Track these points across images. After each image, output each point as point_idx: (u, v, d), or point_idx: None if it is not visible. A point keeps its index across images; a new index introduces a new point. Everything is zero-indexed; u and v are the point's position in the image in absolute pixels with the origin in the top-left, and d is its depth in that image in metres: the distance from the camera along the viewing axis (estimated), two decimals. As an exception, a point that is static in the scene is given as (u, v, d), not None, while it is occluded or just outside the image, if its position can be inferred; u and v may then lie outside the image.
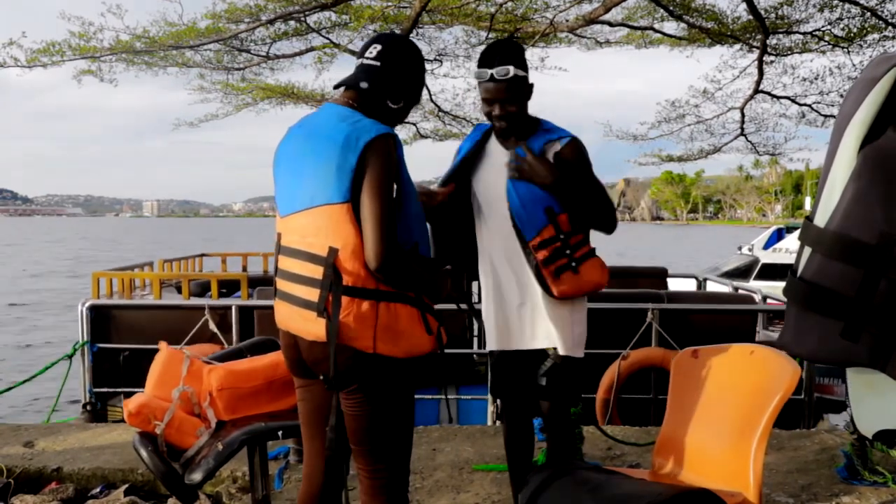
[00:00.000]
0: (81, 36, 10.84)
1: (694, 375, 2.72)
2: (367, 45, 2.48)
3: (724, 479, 2.40)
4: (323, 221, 2.26)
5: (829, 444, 4.63)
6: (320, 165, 2.27)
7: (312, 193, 2.28)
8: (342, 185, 2.22)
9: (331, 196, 2.24)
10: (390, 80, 2.41)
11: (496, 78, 2.91)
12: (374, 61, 2.41)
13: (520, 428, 3.23)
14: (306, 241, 2.30)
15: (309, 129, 2.42)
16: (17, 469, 4.28)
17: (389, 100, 2.43)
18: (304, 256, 2.30)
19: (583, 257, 2.99)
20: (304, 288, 2.29)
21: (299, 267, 2.31)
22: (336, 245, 2.22)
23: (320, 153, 2.28)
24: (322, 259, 2.24)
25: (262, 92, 14.34)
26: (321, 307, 2.23)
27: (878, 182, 1.77)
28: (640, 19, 12.20)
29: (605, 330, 6.21)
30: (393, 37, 2.52)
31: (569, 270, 2.95)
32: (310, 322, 2.27)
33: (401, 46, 2.47)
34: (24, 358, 15.37)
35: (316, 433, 2.53)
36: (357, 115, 2.33)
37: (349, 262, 2.22)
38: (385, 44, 2.44)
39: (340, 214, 2.23)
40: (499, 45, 3.02)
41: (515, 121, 2.99)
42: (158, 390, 3.26)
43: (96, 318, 6.80)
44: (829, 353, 1.92)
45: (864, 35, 11.42)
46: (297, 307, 2.32)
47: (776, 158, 17.40)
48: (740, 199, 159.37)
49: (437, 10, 11.20)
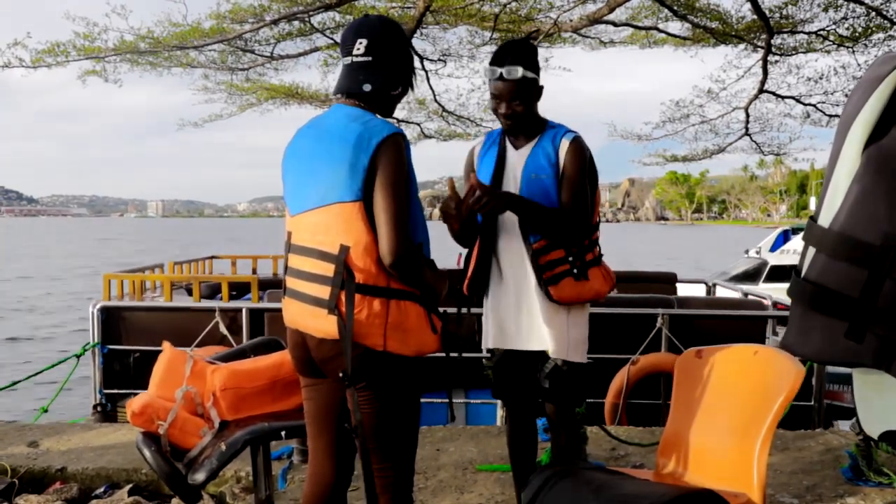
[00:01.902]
0: (86, 36, 10.85)
1: (698, 376, 2.72)
2: (351, 40, 2.42)
3: (727, 480, 2.39)
4: (335, 219, 2.27)
5: (833, 445, 4.62)
6: (332, 164, 2.28)
7: (324, 192, 2.29)
8: (355, 183, 2.23)
9: (343, 194, 2.25)
10: (386, 71, 2.40)
11: (505, 77, 2.91)
12: (365, 57, 2.39)
13: (523, 428, 3.22)
14: (317, 238, 2.30)
15: (319, 129, 2.42)
16: (22, 469, 4.28)
17: (390, 90, 2.43)
18: (315, 254, 2.30)
19: (586, 264, 3.00)
20: (315, 286, 2.29)
21: (310, 265, 2.32)
22: (348, 243, 2.24)
23: (332, 152, 2.29)
24: (334, 257, 2.25)
25: (267, 92, 14.34)
26: (332, 304, 2.24)
27: (882, 182, 1.76)
28: (645, 19, 12.18)
29: (615, 335, 6.24)
30: (373, 26, 2.44)
31: (570, 276, 2.95)
32: (320, 319, 2.27)
33: (384, 34, 2.42)
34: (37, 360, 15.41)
35: (322, 432, 2.53)
36: (367, 115, 2.35)
37: (361, 259, 2.23)
38: (369, 36, 2.39)
39: (352, 213, 2.24)
40: (512, 45, 3.02)
41: (522, 120, 2.99)
42: (162, 390, 3.26)
43: (107, 319, 6.83)
44: (834, 354, 1.92)
45: (869, 35, 11.39)
46: (308, 304, 2.32)
47: (781, 158, 17.39)
48: (745, 199, 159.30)
49: (441, 11, 11.20)
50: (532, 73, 2.94)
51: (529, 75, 2.93)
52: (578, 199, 2.96)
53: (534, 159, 2.99)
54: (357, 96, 2.41)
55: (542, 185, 2.95)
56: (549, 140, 3.00)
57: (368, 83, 2.38)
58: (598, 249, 3.12)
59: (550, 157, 2.96)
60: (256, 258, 12.04)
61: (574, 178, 2.95)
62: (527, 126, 3.03)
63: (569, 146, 2.96)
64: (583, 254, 3.00)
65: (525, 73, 2.91)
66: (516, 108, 2.95)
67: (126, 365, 6.81)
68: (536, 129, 3.04)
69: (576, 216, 2.95)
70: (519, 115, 2.97)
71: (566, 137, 2.98)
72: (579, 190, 2.96)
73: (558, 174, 2.95)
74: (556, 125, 3.06)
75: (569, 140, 2.97)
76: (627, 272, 10.00)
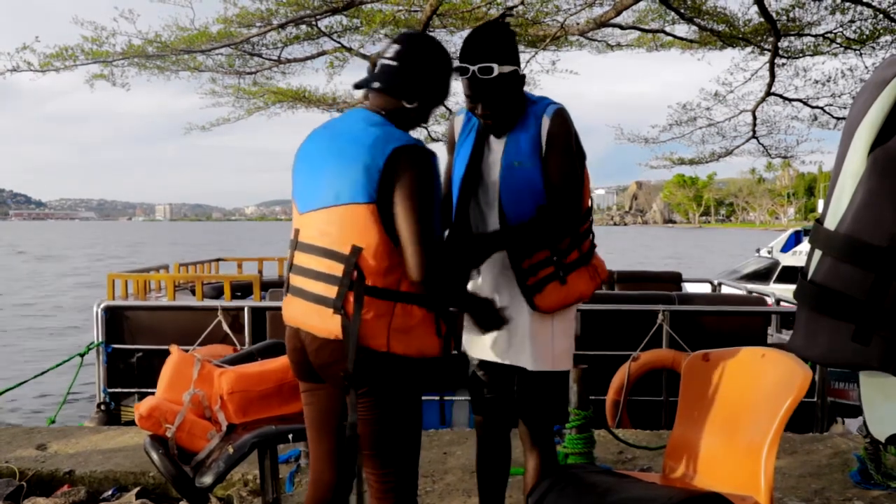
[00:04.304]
0: (94, 41, 10.92)
1: (704, 379, 2.71)
2: (387, 45, 2.47)
3: (735, 483, 2.38)
4: (346, 220, 2.26)
5: (842, 448, 4.60)
6: (347, 165, 2.27)
7: (337, 192, 2.28)
8: (369, 185, 2.22)
9: (355, 195, 2.24)
10: (406, 79, 2.38)
11: (478, 77, 2.58)
12: (392, 61, 2.40)
13: (495, 442, 2.96)
14: (327, 237, 2.29)
15: (336, 130, 2.42)
16: (30, 471, 4.31)
17: (404, 100, 2.39)
18: (323, 253, 2.29)
19: (572, 264, 2.75)
20: (321, 284, 2.28)
21: (317, 263, 2.31)
22: (359, 244, 2.23)
23: (347, 153, 2.29)
24: (344, 256, 2.24)
25: (274, 96, 14.37)
26: (339, 304, 2.23)
27: (888, 184, 1.76)
28: (651, 22, 12.18)
29: (616, 331, 6.24)
30: (414, 36, 2.50)
31: (555, 281, 2.70)
32: (325, 318, 2.26)
33: (421, 46, 2.44)
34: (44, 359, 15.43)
35: (322, 437, 2.52)
36: (388, 124, 2.34)
37: (371, 261, 2.23)
38: (404, 43, 2.42)
39: (365, 214, 2.23)
40: (480, 35, 2.65)
41: (503, 116, 2.69)
42: (169, 393, 3.27)
43: (111, 318, 6.87)
44: (841, 357, 1.91)
45: (876, 37, 11.37)
46: (311, 303, 2.31)
47: (788, 161, 17.36)
48: (753, 201, 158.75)
49: (448, 14, 11.22)
50: (509, 66, 2.60)
51: (506, 70, 2.59)
52: (568, 178, 2.68)
53: (514, 144, 2.69)
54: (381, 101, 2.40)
55: (523, 174, 2.66)
56: (532, 118, 2.69)
57: (379, 81, 2.39)
58: (590, 241, 2.84)
59: (533, 138, 2.66)
60: (262, 260, 12.07)
61: (560, 154, 2.65)
62: (509, 118, 2.71)
63: (551, 121, 2.65)
64: (569, 251, 2.73)
65: (501, 69, 2.58)
66: (494, 108, 2.66)
67: (130, 364, 6.85)
68: (518, 112, 2.71)
69: (566, 197, 2.67)
70: (499, 113, 2.67)
71: (547, 113, 2.67)
72: (568, 168, 2.68)
73: (541, 156, 2.65)
74: (538, 99, 2.75)
75: (549, 116, 2.66)
76: (633, 272, 10.01)
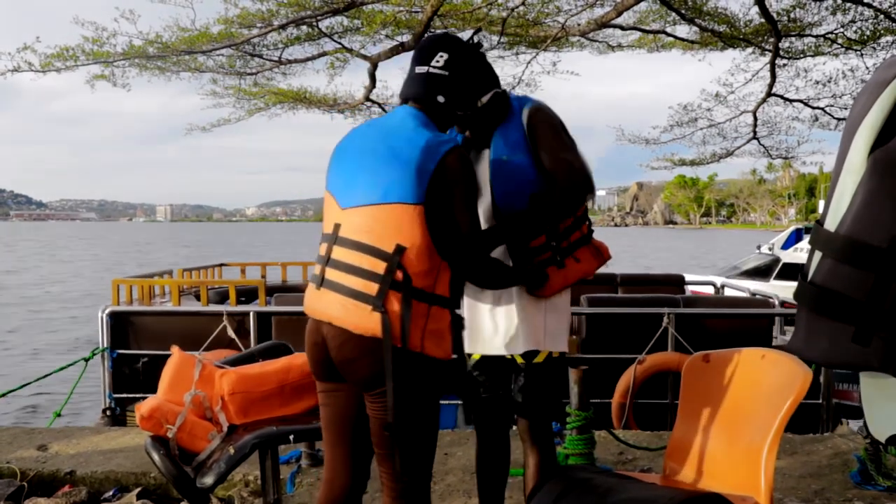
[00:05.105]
0: (95, 41, 10.94)
1: (705, 380, 2.71)
2: (430, 51, 2.49)
3: (735, 484, 2.39)
4: (393, 219, 2.27)
5: (842, 449, 4.60)
6: (397, 165, 2.29)
7: (385, 190, 2.29)
8: (419, 187, 2.25)
9: (405, 195, 2.26)
10: (458, 91, 2.46)
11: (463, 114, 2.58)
12: (442, 70, 2.44)
13: (494, 442, 2.95)
14: (371, 235, 2.29)
15: (384, 129, 2.43)
16: (31, 472, 4.31)
17: (458, 109, 2.49)
18: (366, 249, 2.28)
19: (570, 247, 2.72)
20: (361, 280, 2.26)
21: (358, 259, 2.29)
22: (405, 244, 2.24)
23: (398, 153, 2.31)
24: (387, 255, 2.24)
25: (275, 97, 14.39)
26: (379, 302, 2.22)
27: (888, 186, 1.76)
28: (652, 23, 12.19)
29: (622, 335, 6.25)
30: (457, 44, 2.53)
31: (552, 266, 2.69)
32: (362, 315, 2.24)
33: (465, 55, 2.51)
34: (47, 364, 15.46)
35: (339, 440, 2.48)
36: (432, 125, 2.41)
37: (414, 262, 2.24)
38: (452, 52, 2.47)
39: (413, 215, 2.25)
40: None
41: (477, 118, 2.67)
42: (171, 394, 3.27)
43: (116, 324, 6.87)
44: (841, 358, 1.91)
45: (877, 38, 11.38)
46: (348, 297, 2.28)
47: (789, 162, 17.37)
48: (753, 202, 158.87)
49: (449, 15, 11.23)
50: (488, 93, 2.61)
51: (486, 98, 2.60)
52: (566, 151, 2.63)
53: (501, 139, 2.66)
54: (427, 106, 2.45)
55: (514, 167, 2.63)
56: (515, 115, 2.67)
57: (442, 95, 2.44)
58: (587, 226, 2.80)
59: (518, 129, 2.65)
60: (265, 265, 12.06)
61: (547, 133, 2.64)
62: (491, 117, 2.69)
63: (530, 112, 2.65)
64: (569, 234, 2.71)
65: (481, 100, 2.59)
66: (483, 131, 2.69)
67: (135, 369, 6.85)
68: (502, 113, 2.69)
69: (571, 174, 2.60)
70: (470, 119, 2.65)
71: (526, 106, 2.67)
72: (557, 143, 2.63)
73: (529, 147, 2.63)
74: (520, 98, 2.74)
75: (528, 108, 2.66)
76: (635, 275, 10.01)
